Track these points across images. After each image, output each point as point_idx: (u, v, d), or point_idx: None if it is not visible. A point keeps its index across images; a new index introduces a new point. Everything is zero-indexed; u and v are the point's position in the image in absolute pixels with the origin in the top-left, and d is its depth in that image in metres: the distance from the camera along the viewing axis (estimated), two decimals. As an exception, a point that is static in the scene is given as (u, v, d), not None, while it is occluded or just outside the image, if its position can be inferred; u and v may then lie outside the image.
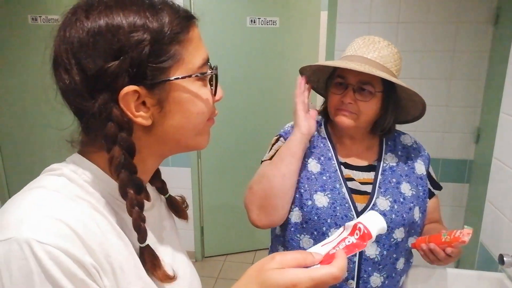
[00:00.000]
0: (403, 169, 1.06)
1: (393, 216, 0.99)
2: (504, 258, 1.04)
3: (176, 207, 0.72)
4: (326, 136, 1.10)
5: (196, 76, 0.53)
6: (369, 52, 0.99)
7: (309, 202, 1.00)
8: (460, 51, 2.19)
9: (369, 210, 0.99)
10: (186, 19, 0.53)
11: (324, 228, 1.00)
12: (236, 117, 2.74)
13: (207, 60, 0.56)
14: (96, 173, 0.53)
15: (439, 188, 1.14)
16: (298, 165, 1.01)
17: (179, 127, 0.55)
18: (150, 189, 0.67)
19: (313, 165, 1.05)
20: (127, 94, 0.49)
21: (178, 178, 2.80)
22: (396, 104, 1.03)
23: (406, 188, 1.03)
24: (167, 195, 0.71)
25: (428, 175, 1.11)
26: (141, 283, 0.53)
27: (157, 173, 0.70)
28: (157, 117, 0.53)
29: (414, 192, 1.04)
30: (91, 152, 0.55)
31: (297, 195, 1.03)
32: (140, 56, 0.48)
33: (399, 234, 1.00)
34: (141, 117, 0.51)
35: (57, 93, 0.52)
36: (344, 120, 1.01)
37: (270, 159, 1.06)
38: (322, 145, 1.08)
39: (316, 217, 1.00)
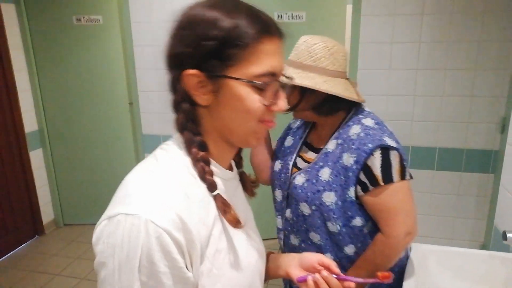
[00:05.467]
0: (334, 156, 1.10)
1: (299, 191, 1.13)
2: (507, 234, 1.08)
3: (245, 183, 0.81)
4: (310, 122, 1.27)
5: (245, 82, 0.60)
6: (292, 54, 1.12)
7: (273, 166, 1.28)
8: (486, 40, 2.18)
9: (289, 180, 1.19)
10: (261, 31, 0.60)
11: (272, 188, 1.27)
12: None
13: (271, 73, 0.61)
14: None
15: (375, 183, 1.03)
16: None
17: (230, 118, 0.63)
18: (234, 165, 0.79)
19: (289, 141, 1.29)
20: (188, 75, 0.60)
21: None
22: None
23: (325, 173, 1.10)
24: (240, 170, 0.81)
25: (367, 169, 1.04)
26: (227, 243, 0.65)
27: (239, 149, 0.79)
28: (213, 102, 0.63)
29: (331, 179, 1.08)
30: None
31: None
32: (207, 50, 0.59)
33: (303, 208, 1.13)
34: (199, 97, 0.62)
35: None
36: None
37: None
38: (304, 126, 1.29)
39: (272, 178, 1.27)
